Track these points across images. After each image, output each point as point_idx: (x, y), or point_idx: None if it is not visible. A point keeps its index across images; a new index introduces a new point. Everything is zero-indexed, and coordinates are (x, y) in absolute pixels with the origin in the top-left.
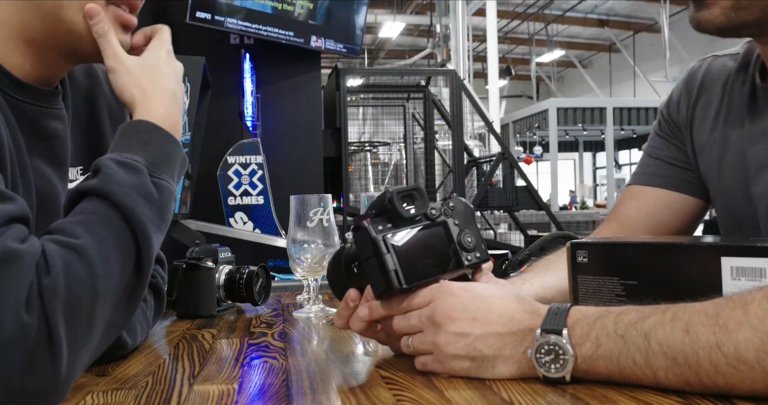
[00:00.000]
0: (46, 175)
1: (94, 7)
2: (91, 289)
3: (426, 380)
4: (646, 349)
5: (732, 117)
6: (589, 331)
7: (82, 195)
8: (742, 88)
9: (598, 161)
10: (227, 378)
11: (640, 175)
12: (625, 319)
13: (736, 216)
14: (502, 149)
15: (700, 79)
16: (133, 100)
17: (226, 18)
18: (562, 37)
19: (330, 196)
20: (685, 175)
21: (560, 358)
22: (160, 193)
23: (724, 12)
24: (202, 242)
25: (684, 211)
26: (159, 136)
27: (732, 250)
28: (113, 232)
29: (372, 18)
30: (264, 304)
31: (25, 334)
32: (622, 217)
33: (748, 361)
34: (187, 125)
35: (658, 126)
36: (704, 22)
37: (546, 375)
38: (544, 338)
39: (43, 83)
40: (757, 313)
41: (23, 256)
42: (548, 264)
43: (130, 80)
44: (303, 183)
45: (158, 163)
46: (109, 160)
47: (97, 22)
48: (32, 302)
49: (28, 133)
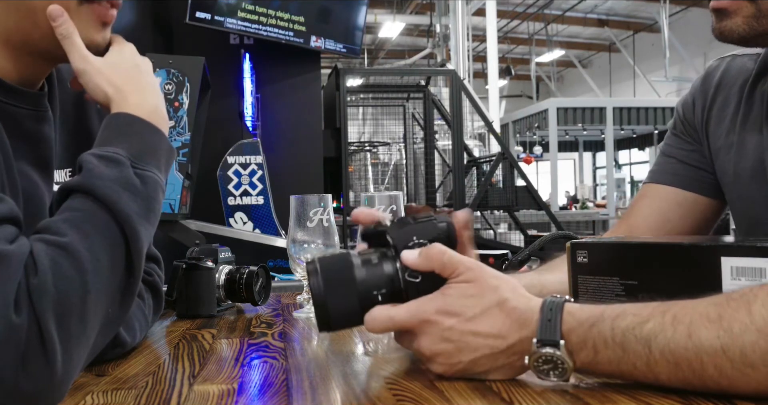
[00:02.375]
0: (31, 177)
1: (56, 8)
2: (80, 285)
3: (426, 380)
4: (647, 357)
5: (750, 121)
6: (585, 339)
7: (67, 192)
8: (762, 92)
9: (598, 161)
10: (227, 378)
11: (654, 173)
12: (622, 324)
13: (754, 220)
14: (502, 149)
15: (718, 79)
16: (108, 97)
17: (226, 18)
18: (561, 37)
19: (330, 196)
20: (697, 174)
21: (559, 367)
22: (145, 185)
23: (746, 21)
24: (202, 242)
25: (695, 209)
26: (140, 127)
27: (732, 250)
28: (99, 227)
29: (372, 18)
30: (264, 304)
31: (16, 335)
32: (635, 215)
33: (754, 364)
34: (187, 125)
35: (674, 125)
36: (727, 31)
37: (546, 380)
38: (542, 350)
39: (26, 84)
40: (761, 314)
41: (10, 257)
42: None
43: (102, 79)
44: (303, 183)
45: (141, 155)
46: (90, 155)
47: (60, 23)
48: (21, 303)
49: (12, 135)
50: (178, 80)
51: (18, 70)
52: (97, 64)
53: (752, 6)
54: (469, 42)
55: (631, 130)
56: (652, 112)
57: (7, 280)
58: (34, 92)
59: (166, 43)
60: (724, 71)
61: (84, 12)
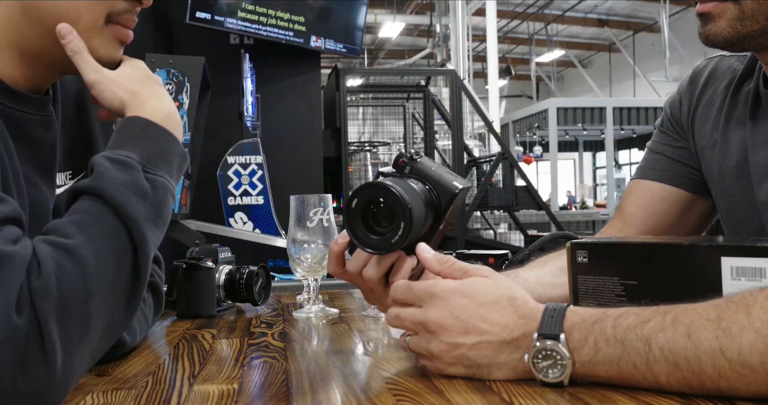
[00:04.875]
0: (34, 182)
1: (64, 26)
2: (83, 289)
3: (426, 380)
4: (647, 355)
5: (734, 120)
6: (587, 335)
7: (77, 194)
8: (747, 92)
9: (598, 161)
10: (227, 378)
11: (640, 169)
12: (624, 323)
13: (739, 220)
14: (502, 149)
15: (705, 78)
16: (123, 102)
17: (226, 18)
18: (561, 37)
19: (330, 196)
20: (683, 171)
21: (558, 364)
22: (155, 189)
23: (730, 24)
24: (202, 242)
25: (679, 204)
26: (154, 131)
27: (732, 250)
28: (107, 230)
29: (372, 18)
30: (264, 304)
31: (16, 335)
32: (624, 212)
33: (752, 365)
34: (187, 125)
35: (661, 123)
36: (712, 35)
37: (544, 380)
38: (541, 344)
39: (32, 90)
40: (759, 316)
41: (13, 258)
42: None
43: (117, 86)
44: (303, 183)
45: (153, 159)
46: (102, 157)
47: (69, 40)
48: (22, 304)
49: (18, 140)
50: (178, 80)
51: (27, 77)
52: (110, 74)
53: (736, 8)
54: (469, 42)
55: (631, 130)
56: (652, 112)
57: (10, 280)
58: (40, 97)
59: (166, 43)
60: (712, 71)
61: (108, 32)
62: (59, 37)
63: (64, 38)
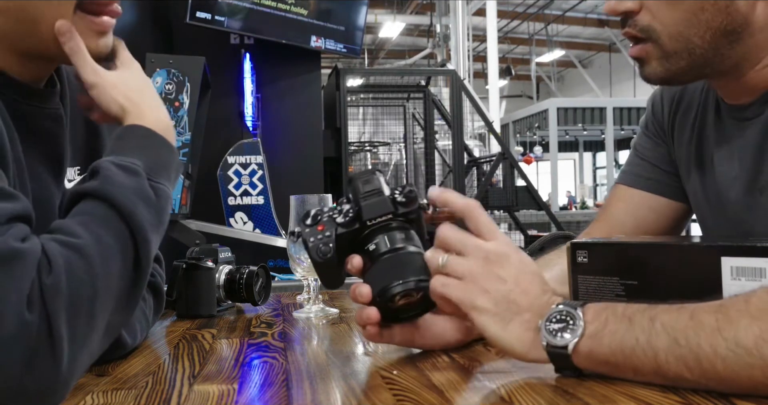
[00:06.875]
0: (40, 176)
1: (64, 24)
2: (91, 288)
3: (426, 380)
4: (650, 330)
5: (705, 132)
6: (600, 312)
7: (81, 196)
8: (713, 101)
9: (598, 161)
10: (227, 378)
11: (627, 174)
12: (635, 306)
13: (712, 230)
14: (502, 149)
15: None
16: (124, 109)
17: (226, 18)
18: (562, 37)
19: (330, 196)
20: (668, 179)
21: (569, 328)
22: (158, 197)
23: (659, 63)
24: (202, 242)
25: (667, 214)
26: (156, 141)
27: (732, 250)
28: (112, 233)
29: (372, 18)
30: (264, 304)
31: (27, 332)
32: (610, 217)
33: (746, 346)
34: (187, 125)
35: (645, 124)
36: (649, 76)
37: (550, 342)
38: (558, 308)
39: (32, 81)
40: (756, 305)
41: (25, 255)
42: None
43: (117, 92)
44: (303, 183)
45: (155, 168)
46: (109, 162)
47: (67, 39)
48: (34, 300)
49: (25, 134)
50: (178, 80)
51: (21, 72)
52: (110, 78)
53: (657, 48)
54: (469, 42)
55: (631, 130)
56: None
57: (22, 276)
58: (47, 90)
59: (166, 43)
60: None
61: (79, 22)
62: (58, 35)
63: (62, 36)
